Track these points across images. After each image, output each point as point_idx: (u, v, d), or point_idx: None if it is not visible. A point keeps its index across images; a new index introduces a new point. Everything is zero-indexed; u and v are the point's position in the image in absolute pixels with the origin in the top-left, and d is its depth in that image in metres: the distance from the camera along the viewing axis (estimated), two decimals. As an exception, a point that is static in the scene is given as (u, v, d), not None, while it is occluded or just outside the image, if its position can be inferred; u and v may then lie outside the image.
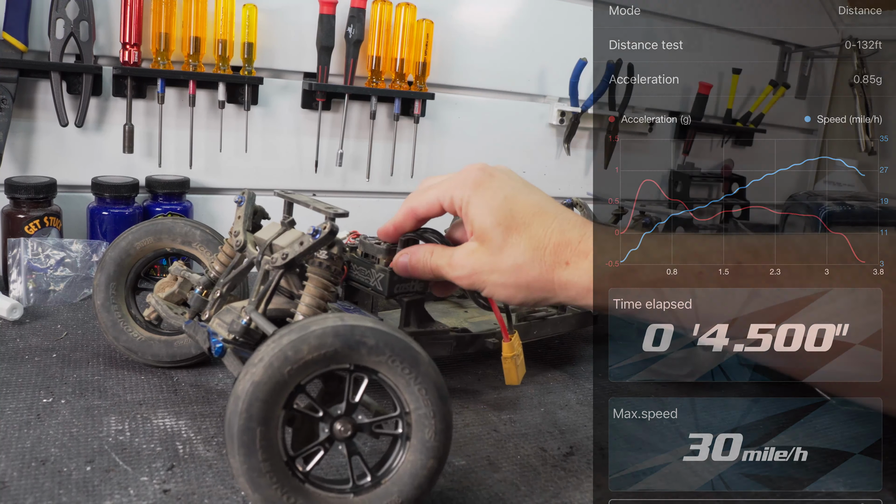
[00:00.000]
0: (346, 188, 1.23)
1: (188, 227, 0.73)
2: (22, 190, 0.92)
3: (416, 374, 0.47)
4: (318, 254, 0.58)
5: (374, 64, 1.16)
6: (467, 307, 0.83)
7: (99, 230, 1.00)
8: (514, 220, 0.56)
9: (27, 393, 0.65)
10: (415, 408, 0.48)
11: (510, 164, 1.44)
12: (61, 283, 0.90)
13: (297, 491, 0.46)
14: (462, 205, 0.59)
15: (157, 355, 0.72)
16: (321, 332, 0.45)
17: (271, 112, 1.15)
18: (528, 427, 0.68)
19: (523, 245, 0.56)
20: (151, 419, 0.62)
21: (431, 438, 0.48)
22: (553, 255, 0.55)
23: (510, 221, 0.56)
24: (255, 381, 0.44)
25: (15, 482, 0.51)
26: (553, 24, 1.35)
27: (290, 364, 0.45)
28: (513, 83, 1.35)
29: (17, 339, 0.77)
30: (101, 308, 0.71)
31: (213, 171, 1.12)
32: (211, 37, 1.05)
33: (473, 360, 0.84)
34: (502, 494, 0.56)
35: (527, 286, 0.56)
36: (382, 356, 0.47)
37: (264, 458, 0.44)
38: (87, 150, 1.04)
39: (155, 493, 0.51)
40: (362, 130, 1.22)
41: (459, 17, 1.26)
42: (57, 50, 0.95)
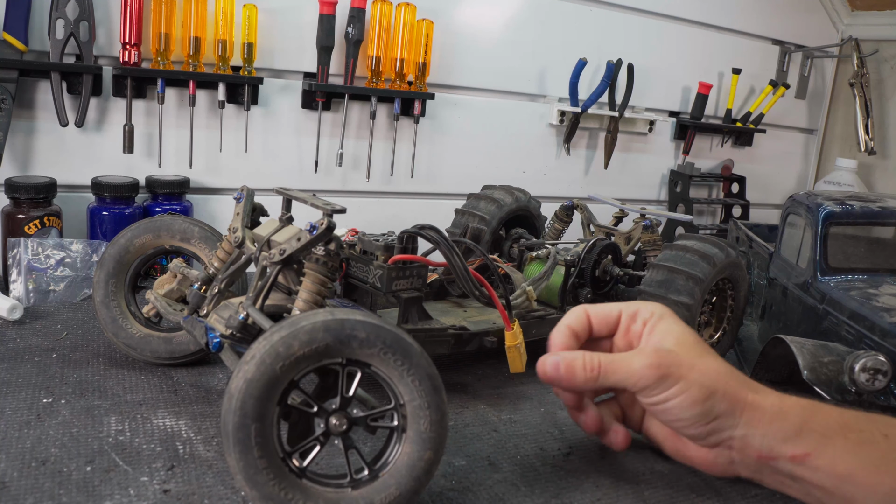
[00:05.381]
0: (345, 188, 1.23)
1: (186, 223, 0.73)
2: (22, 190, 0.93)
3: (408, 366, 0.47)
4: (316, 250, 0.58)
5: (374, 64, 1.16)
6: (466, 306, 0.83)
7: (99, 230, 1.00)
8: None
9: (27, 393, 0.65)
10: (409, 399, 0.48)
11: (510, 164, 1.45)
12: (61, 283, 0.90)
13: (295, 486, 0.46)
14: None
15: (156, 352, 0.72)
16: (311, 327, 0.45)
17: (271, 112, 1.15)
18: (528, 427, 0.68)
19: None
20: (151, 419, 0.62)
21: (427, 429, 0.48)
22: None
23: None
24: (248, 378, 0.44)
25: (15, 482, 0.51)
26: (553, 24, 1.35)
27: (282, 360, 0.45)
28: (513, 83, 1.35)
29: (17, 339, 0.77)
30: (101, 305, 0.71)
31: (213, 171, 1.12)
32: (211, 37, 1.05)
33: (473, 359, 0.84)
34: (502, 494, 0.56)
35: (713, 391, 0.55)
36: (374, 349, 0.47)
37: (260, 455, 0.44)
38: (87, 150, 1.04)
39: (155, 494, 0.51)
40: (362, 130, 1.22)
41: (459, 17, 1.26)
42: (57, 50, 0.95)
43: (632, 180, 1.55)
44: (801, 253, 0.90)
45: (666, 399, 0.55)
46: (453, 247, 0.70)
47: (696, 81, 1.52)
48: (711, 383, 0.55)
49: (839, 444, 0.52)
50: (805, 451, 0.52)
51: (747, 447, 0.55)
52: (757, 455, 0.54)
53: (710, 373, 0.55)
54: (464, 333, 0.73)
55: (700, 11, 1.51)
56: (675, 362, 0.55)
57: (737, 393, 0.55)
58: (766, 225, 1.27)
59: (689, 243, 0.85)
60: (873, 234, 0.91)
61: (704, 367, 0.56)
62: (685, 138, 1.56)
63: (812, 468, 0.52)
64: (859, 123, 1.61)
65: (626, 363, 0.56)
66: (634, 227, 0.94)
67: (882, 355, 0.70)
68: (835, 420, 0.54)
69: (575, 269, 0.85)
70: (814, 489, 0.53)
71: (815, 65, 1.73)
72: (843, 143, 1.77)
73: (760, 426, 0.54)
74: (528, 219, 1.01)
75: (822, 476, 0.52)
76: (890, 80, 1.65)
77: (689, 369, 0.55)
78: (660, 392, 0.55)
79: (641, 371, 0.55)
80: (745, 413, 0.54)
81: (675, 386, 0.54)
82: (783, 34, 1.65)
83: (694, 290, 0.80)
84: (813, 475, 0.53)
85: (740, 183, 1.63)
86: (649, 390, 0.55)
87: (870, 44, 1.65)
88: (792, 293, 0.91)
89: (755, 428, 0.54)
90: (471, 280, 0.70)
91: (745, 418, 0.54)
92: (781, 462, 0.54)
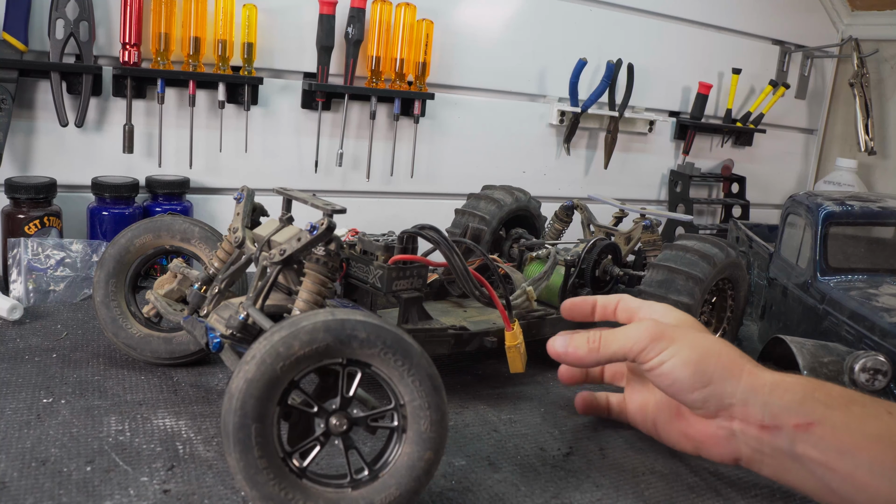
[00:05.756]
0: (345, 188, 1.23)
1: (187, 223, 0.73)
2: (22, 190, 0.93)
3: (408, 366, 0.47)
4: (316, 250, 0.58)
5: (374, 64, 1.16)
6: (466, 306, 0.83)
7: (99, 230, 1.00)
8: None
9: (27, 393, 0.65)
10: (409, 400, 0.48)
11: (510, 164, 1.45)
12: (61, 283, 0.90)
13: (295, 486, 0.46)
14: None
15: (156, 352, 0.72)
16: (311, 327, 0.45)
17: (271, 112, 1.15)
18: (528, 427, 0.68)
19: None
20: (151, 419, 0.62)
21: (427, 430, 0.48)
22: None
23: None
24: (249, 378, 0.44)
25: (15, 482, 0.51)
26: (553, 24, 1.35)
27: (283, 360, 0.44)
28: (513, 83, 1.35)
29: (17, 339, 0.77)
30: (101, 304, 0.71)
31: (213, 172, 1.12)
32: (211, 37, 1.05)
33: (473, 359, 0.84)
34: (502, 494, 0.56)
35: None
36: (374, 349, 0.47)
37: (260, 455, 0.44)
38: (87, 150, 1.04)
39: (155, 494, 0.51)
40: (362, 130, 1.22)
41: (459, 17, 1.26)
42: (57, 50, 0.95)
43: (632, 180, 1.55)
44: (801, 253, 0.91)
45: (661, 362, 0.57)
46: (453, 247, 0.70)
47: (696, 81, 1.52)
48: (704, 347, 0.57)
49: (843, 417, 0.52)
50: (809, 419, 0.52)
51: (749, 416, 0.54)
52: (759, 424, 0.54)
53: (704, 341, 0.58)
54: (464, 333, 0.73)
55: (700, 11, 1.51)
56: (669, 328, 0.58)
57: (733, 360, 0.56)
58: (766, 225, 1.27)
59: (689, 243, 0.85)
60: (873, 234, 0.91)
61: (699, 336, 0.58)
62: (685, 138, 1.56)
63: (815, 441, 0.52)
64: (859, 123, 1.61)
65: (623, 331, 0.60)
66: (634, 227, 0.94)
67: (882, 355, 0.70)
68: (838, 394, 0.54)
69: (575, 269, 0.85)
70: (815, 466, 0.52)
71: (815, 65, 1.73)
72: (843, 143, 1.77)
73: (762, 394, 0.54)
74: (528, 219, 1.01)
75: (824, 450, 0.51)
76: (890, 80, 1.65)
77: (682, 334, 0.58)
78: (655, 355, 0.57)
79: (637, 335, 0.58)
80: (743, 378, 0.55)
81: (669, 348, 0.57)
82: (783, 34, 1.65)
83: (694, 290, 0.80)
84: (814, 450, 0.52)
85: (740, 183, 1.63)
86: (645, 353, 0.57)
87: (870, 44, 1.65)
88: (792, 293, 0.91)
89: (756, 395, 0.54)
90: (471, 280, 0.70)
91: (745, 384, 0.55)
92: (784, 433, 0.53)
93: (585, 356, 0.61)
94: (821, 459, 0.52)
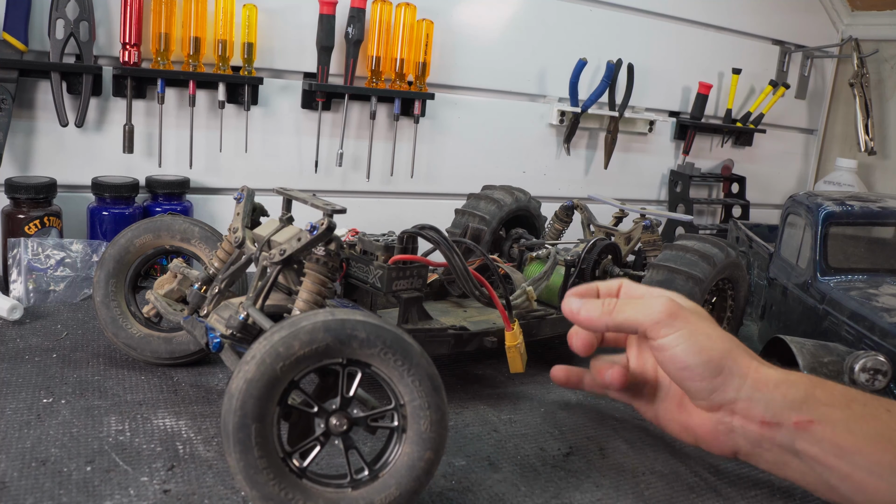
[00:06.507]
0: (346, 188, 1.23)
1: (187, 223, 0.73)
2: (22, 190, 0.93)
3: (408, 366, 0.47)
4: (316, 250, 0.58)
5: (374, 64, 1.16)
6: (466, 306, 0.83)
7: (99, 230, 1.00)
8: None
9: (27, 393, 0.65)
10: (409, 400, 0.48)
11: (510, 164, 1.45)
12: (61, 283, 0.90)
13: (295, 486, 0.46)
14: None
15: (156, 352, 0.72)
16: (311, 327, 0.45)
17: (271, 112, 1.15)
18: (528, 427, 0.68)
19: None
20: (151, 419, 0.62)
21: (427, 430, 0.48)
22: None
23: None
24: (249, 378, 0.44)
25: (15, 482, 0.51)
26: (553, 24, 1.35)
27: (283, 360, 0.45)
28: (513, 83, 1.35)
29: (17, 339, 0.77)
30: (101, 304, 0.71)
31: (213, 172, 1.12)
32: (211, 37, 1.05)
33: (473, 359, 0.84)
34: (502, 494, 0.56)
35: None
36: (374, 349, 0.47)
37: (261, 455, 0.44)
38: (87, 150, 1.04)
39: (155, 494, 0.51)
40: (362, 130, 1.22)
41: (459, 17, 1.26)
42: (57, 50, 0.95)
43: (632, 180, 1.55)
44: (801, 253, 0.91)
45: (674, 343, 0.56)
46: (453, 247, 0.70)
47: (696, 81, 1.52)
48: (718, 338, 0.56)
49: (843, 415, 0.52)
50: (809, 417, 0.52)
51: (751, 412, 0.54)
52: (760, 420, 0.54)
53: (716, 331, 0.57)
54: (464, 333, 0.73)
55: (700, 11, 1.51)
56: (684, 310, 0.57)
57: (744, 357, 0.56)
58: (766, 225, 1.27)
59: (689, 243, 0.85)
60: (873, 234, 0.91)
61: (711, 325, 0.58)
62: (685, 138, 1.56)
63: (814, 438, 0.52)
64: (859, 123, 1.61)
65: (639, 301, 0.59)
66: (634, 228, 0.94)
67: (882, 355, 0.70)
68: (840, 392, 0.54)
69: (575, 269, 0.85)
70: (814, 464, 0.53)
71: (815, 65, 1.73)
72: (843, 143, 1.77)
73: (766, 391, 0.54)
74: (528, 219, 1.01)
75: (823, 447, 0.52)
76: (890, 80, 1.65)
77: (696, 320, 0.57)
78: (668, 333, 0.56)
79: (655, 306, 0.57)
80: (750, 377, 0.55)
81: (683, 329, 0.56)
82: (783, 34, 1.65)
83: (694, 290, 0.80)
84: (813, 447, 0.52)
85: (740, 183, 1.63)
86: (658, 327, 0.56)
87: (870, 44, 1.65)
88: (792, 293, 0.91)
89: (760, 392, 0.54)
90: (471, 280, 0.70)
91: (751, 382, 0.55)
92: (784, 430, 0.53)
93: (597, 319, 0.60)
94: (820, 457, 0.52)
